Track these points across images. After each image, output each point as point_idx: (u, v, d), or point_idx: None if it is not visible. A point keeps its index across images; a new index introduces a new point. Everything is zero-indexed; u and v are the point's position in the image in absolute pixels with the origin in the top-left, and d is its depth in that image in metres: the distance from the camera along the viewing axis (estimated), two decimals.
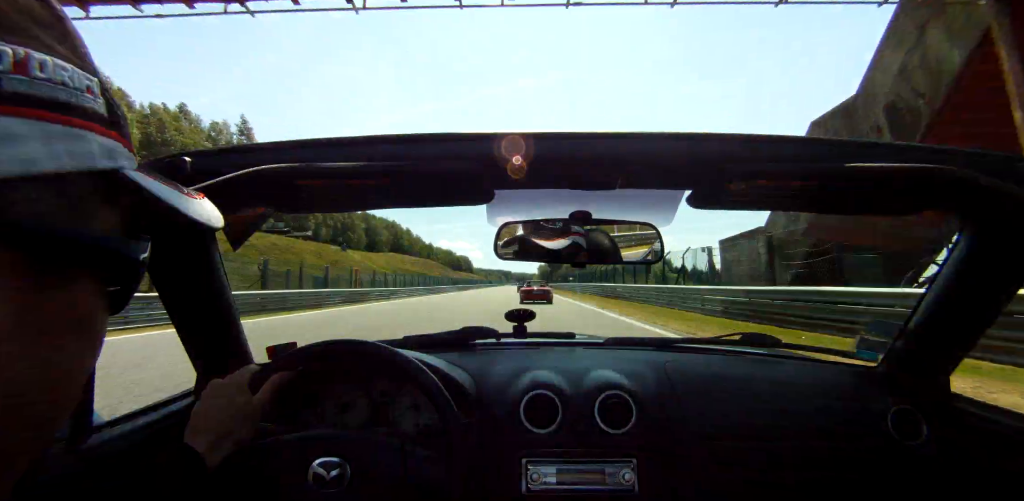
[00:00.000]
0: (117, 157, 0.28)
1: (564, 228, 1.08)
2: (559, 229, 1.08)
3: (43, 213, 0.24)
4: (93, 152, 0.26)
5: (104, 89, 0.28)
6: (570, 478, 0.94)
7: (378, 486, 0.71)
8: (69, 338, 0.26)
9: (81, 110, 0.26)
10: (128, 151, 0.29)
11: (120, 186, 0.28)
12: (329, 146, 0.74)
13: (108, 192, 0.28)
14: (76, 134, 0.25)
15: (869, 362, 1.20)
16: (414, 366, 0.81)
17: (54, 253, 0.24)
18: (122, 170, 0.28)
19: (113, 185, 0.28)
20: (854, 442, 0.98)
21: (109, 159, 0.27)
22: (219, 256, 0.97)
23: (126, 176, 0.28)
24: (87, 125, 0.26)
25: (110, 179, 0.28)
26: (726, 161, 0.73)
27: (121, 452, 0.82)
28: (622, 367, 1.11)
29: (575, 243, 1.07)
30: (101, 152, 0.26)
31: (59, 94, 0.25)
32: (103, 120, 0.27)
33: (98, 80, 0.28)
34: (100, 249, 0.27)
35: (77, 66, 0.26)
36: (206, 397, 0.77)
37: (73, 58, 0.27)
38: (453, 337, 1.38)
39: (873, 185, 0.73)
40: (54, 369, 0.26)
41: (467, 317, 11.07)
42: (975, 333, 0.95)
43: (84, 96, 0.26)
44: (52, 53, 0.25)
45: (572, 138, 0.74)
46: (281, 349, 1.06)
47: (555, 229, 1.08)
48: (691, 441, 0.98)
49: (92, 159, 0.26)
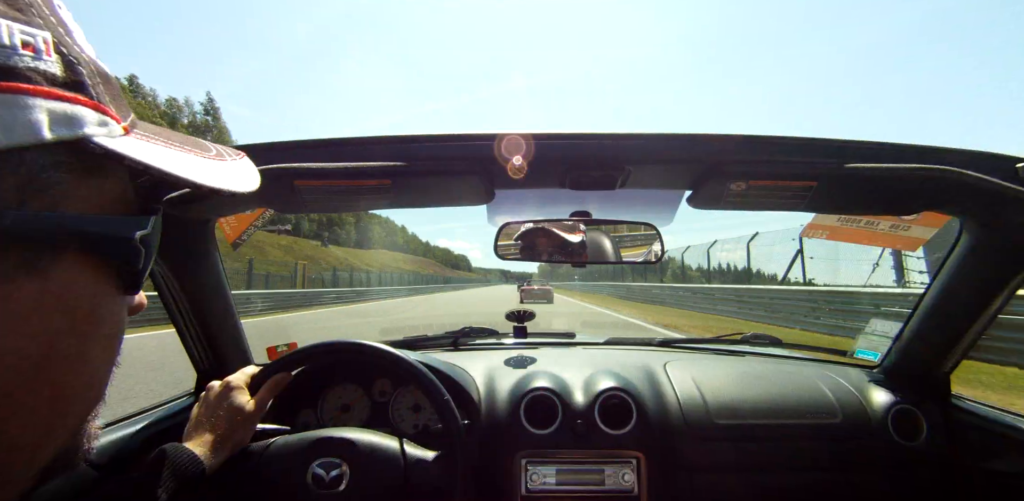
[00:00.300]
0: (80, 124, 0.24)
1: (564, 228, 1.08)
2: (559, 229, 1.08)
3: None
4: (38, 121, 0.22)
5: (59, 44, 0.24)
6: (570, 478, 0.94)
7: (378, 487, 0.71)
8: (65, 330, 0.24)
9: (17, 72, 0.22)
10: (101, 114, 0.25)
11: (95, 157, 0.25)
12: (329, 146, 0.74)
13: (80, 165, 0.24)
14: (10, 101, 0.21)
15: (869, 362, 1.20)
16: (414, 367, 0.81)
17: (14, 239, 0.22)
18: (91, 139, 0.24)
19: (85, 157, 0.24)
20: (854, 442, 0.98)
21: (66, 127, 0.23)
22: (219, 256, 0.97)
23: (98, 145, 0.24)
24: (26, 89, 0.22)
25: (78, 150, 0.24)
26: (726, 161, 0.73)
27: (122, 453, 0.82)
28: (622, 367, 1.11)
29: (575, 243, 1.07)
30: (54, 120, 0.23)
31: None
32: (57, 82, 0.23)
33: (50, 35, 0.24)
34: (76, 230, 0.24)
35: (13, 20, 0.22)
36: (206, 398, 0.76)
37: (8, 10, 0.22)
38: (453, 337, 1.38)
39: (873, 185, 0.73)
40: (50, 362, 0.24)
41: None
42: (975, 333, 0.95)
43: (21, 53, 0.22)
44: None
45: (572, 138, 0.74)
46: (282, 349, 1.06)
47: (555, 229, 1.08)
48: (691, 441, 0.98)
49: (38, 129, 0.22)
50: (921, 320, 1.02)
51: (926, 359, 1.04)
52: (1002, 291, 0.87)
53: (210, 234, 0.93)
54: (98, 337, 0.26)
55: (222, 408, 0.74)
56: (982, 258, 0.87)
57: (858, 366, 1.21)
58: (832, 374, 1.13)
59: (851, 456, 0.97)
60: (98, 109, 0.25)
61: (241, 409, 0.74)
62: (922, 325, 1.02)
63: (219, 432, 0.71)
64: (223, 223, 1.10)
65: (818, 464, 0.97)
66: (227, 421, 0.72)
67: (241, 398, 0.75)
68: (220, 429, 0.71)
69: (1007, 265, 0.84)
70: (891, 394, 1.04)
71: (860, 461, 0.97)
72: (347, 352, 0.85)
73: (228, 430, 0.71)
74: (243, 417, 0.73)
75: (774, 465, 0.97)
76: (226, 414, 0.73)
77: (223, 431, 0.71)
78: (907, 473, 0.97)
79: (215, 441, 0.69)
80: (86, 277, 0.25)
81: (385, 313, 15.88)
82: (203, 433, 0.70)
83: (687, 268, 21.08)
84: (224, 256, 0.98)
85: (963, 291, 0.92)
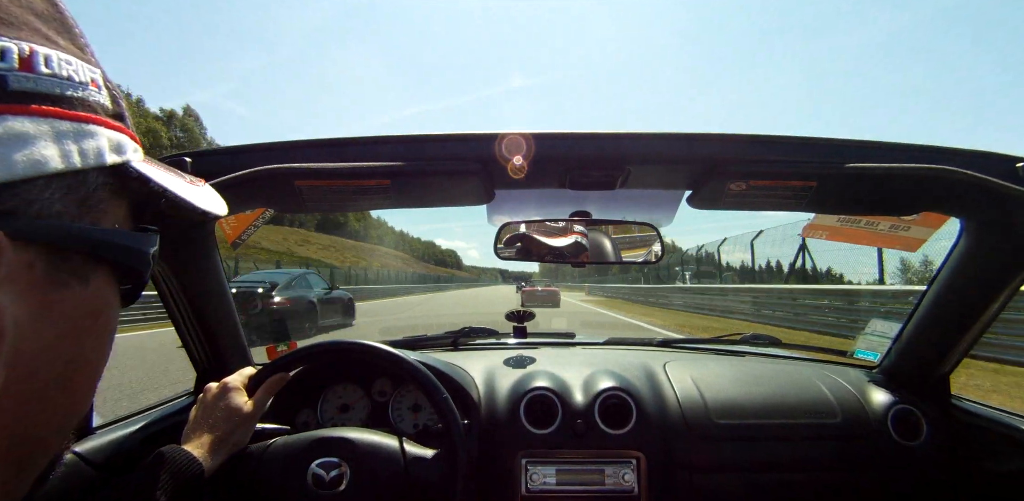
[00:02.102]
0: (125, 150, 0.27)
1: (564, 228, 1.08)
2: (559, 229, 1.08)
3: (57, 211, 0.23)
4: (103, 147, 0.25)
5: (107, 80, 0.28)
6: (570, 478, 0.94)
7: (378, 487, 0.71)
8: (88, 333, 0.26)
9: (88, 104, 0.25)
10: (134, 143, 0.29)
11: (129, 179, 0.28)
12: (329, 146, 0.74)
13: (117, 186, 0.27)
14: (86, 130, 0.25)
15: (869, 362, 1.20)
16: (414, 367, 0.81)
17: (70, 250, 0.24)
18: (130, 163, 0.28)
19: (122, 179, 0.27)
20: (854, 442, 0.98)
21: (118, 153, 0.27)
22: (218, 256, 0.97)
23: (135, 170, 0.28)
24: (95, 119, 0.25)
25: (119, 173, 0.27)
26: (726, 161, 0.73)
27: (120, 453, 0.82)
28: (622, 367, 1.11)
29: (575, 243, 1.07)
30: (110, 146, 0.26)
31: (66, 89, 0.24)
32: (109, 113, 0.27)
33: (100, 72, 0.27)
34: (113, 244, 0.27)
35: (80, 58, 0.26)
36: (203, 399, 0.76)
37: (75, 50, 0.26)
38: (453, 337, 1.38)
39: (873, 185, 0.73)
40: (74, 365, 0.26)
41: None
42: (975, 333, 0.95)
43: (90, 89, 0.26)
44: (55, 47, 0.24)
45: (572, 138, 0.74)
46: (281, 349, 1.06)
47: (555, 229, 1.08)
48: (691, 441, 0.98)
49: (102, 155, 0.25)
50: (921, 320, 1.02)
51: (926, 359, 1.04)
52: (1002, 291, 0.87)
53: (210, 234, 0.93)
54: (106, 341, 0.29)
55: (220, 409, 0.73)
56: (982, 258, 0.87)
57: (857, 366, 1.21)
58: (832, 374, 1.13)
59: (851, 456, 0.97)
60: (133, 138, 0.29)
61: (239, 410, 0.73)
62: (922, 325, 1.02)
63: (217, 433, 0.70)
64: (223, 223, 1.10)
65: (818, 464, 0.97)
66: (225, 422, 0.72)
67: (239, 399, 0.75)
68: (218, 430, 0.71)
69: (1007, 265, 0.84)
70: (891, 394, 1.04)
71: (860, 461, 0.97)
72: (347, 352, 0.85)
73: (226, 431, 0.71)
74: (241, 418, 0.73)
75: (774, 465, 0.97)
76: (224, 415, 0.73)
77: (221, 432, 0.71)
78: (907, 473, 0.97)
79: (213, 442, 0.69)
80: (110, 286, 0.28)
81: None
82: (201, 434, 0.70)
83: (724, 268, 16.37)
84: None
85: (963, 291, 0.92)
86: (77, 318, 0.25)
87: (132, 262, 0.28)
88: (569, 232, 1.06)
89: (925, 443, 0.97)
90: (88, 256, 0.25)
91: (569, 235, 1.06)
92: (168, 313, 0.98)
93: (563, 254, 1.08)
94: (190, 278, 0.92)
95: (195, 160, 0.72)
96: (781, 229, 12.40)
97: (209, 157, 0.75)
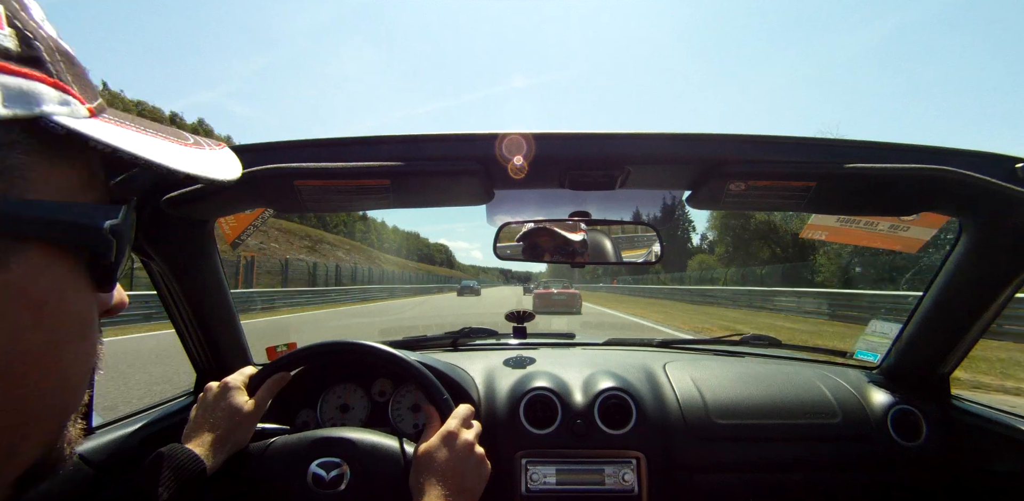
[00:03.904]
0: (37, 101, 0.22)
1: (564, 228, 1.08)
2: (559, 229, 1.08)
3: None
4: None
5: (13, 18, 0.23)
6: (570, 478, 0.94)
7: (378, 486, 0.71)
8: (32, 326, 0.23)
9: None
10: (64, 93, 0.24)
11: (57, 138, 0.23)
12: (329, 146, 0.74)
13: (40, 146, 0.23)
14: None
15: (869, 363, 1.20)
16: (414, 367, 0.81)
17: None
18: (51, 117, 0.22)
19: (45, 138, 0.23)
20: (854, 442, 0.98)
21: (21, 104, 0.21)
22: (218, 255, 0.97)
23: (61, 125, 0.23)
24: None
25: (35, 130, 0.22)
26: (726, 161, 0.73)
27: (120, 453, 0.82)
28: (622, 367, 1.11)
29: (575, 243, 1.07)
30: (8, 96, 0.21)
31: None
32: (10, 56, 0.22)
33: (2, 8, 0.22)
34: (33, 218, 0.22)
35: None
36: (203, 399, 0.76)
37: None
38: (453, 338, 1.38)
39: (872, 185, 0.73)
40: (21, 359, 0.22)
41: None
42: (975, 333, 0.95)
43: None
44: None
45: (572, 138, 0.74)
46: (281, 350, 1.06)
47: (555, 229, 1.08)
48: (691, 441, 0.98)
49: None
50: (921, 321, 1.02)
51: (926, 360, 1.04)
52: (1002, 292, 0.87)
53: (209, 234, 0.93)
54: (69, 334, 0.25)
55: (220, 409, 0.73)
56: (981, 258, 0.87)
57: (857, 367, 1.21)
58: (832, 375, 1.13)
59: (851, 456, 0.97)
60: (58, 87, 0.23)
61: (239, 410, 0.73)
62: (922, 326, 1.02)
63: (218, 432, 0.70)
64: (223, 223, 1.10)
65: (818, 464, 0.97)
66: (226, 421, 0.72)
67: (239, 398, 0.75)
68: (219, 430, 0.71)
69: (1007, 265, 0.84)
70: (891, 394, 1.04)
71: (860, 461, 0.97)
72: (346, 352, 0.85)
73: (227, 430, 0.71)
74: (242, 417, 0.73)
75: (774, 465, 0.97)
76: (225, 414, 0.72)
77: (222, 431, 0.71)
78: (907, 473, 0.97)
79: (214, 442, 0.69)
80: (53, 270, 0.23)
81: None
82: (202, 434, 0.70)
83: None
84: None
85: (963, 292, 0.92)
86: (4, 308, 0.21)
87: (73, 239, 0.24)
88: (568, 232, 1.06)
89: (925, 443, 0.97)
90: (1, 233, 0.21)
91: (569, 235, 1.06)
92: (168, 313, 0.98)
93: (562, 254, 1.08)
94: (190, 278, 0.92)
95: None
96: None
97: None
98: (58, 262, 0.24)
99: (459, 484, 0.65)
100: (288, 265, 26.19)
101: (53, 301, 0.23)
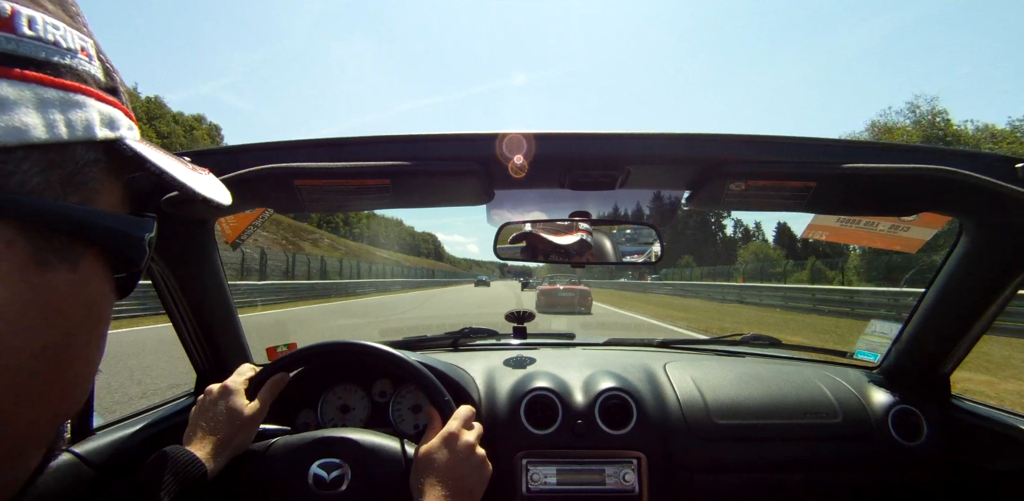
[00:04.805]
0: (118, 126, 0.25)
1: (564, 228, 1.08)
2: (564, 227, 1.08)
3: (38, 186, 0.21)
4: (92, 120, 0.23)
5: (100, 51, 0.26)
6: (571, 478, 0.94)
7: (379, 487, 0.71)
8: (80, 323, 0.25)
9: (77, 74, 0.23)
10: (129, 120, 0.27)
11: (123, 158, 0.26)
12: (328, 146, 0.74)
13: (110, 165, 0.25)
14: (74, 100, 0.23)
15: (869, 363, 1.20)
16: (414, 367, 0.81)
17: (54, 230, 0.22)
18: (123, 141, 0.26)
19: (115, 157, 0.25)
20: (854, 442, 0.98)
21: (110, 128, 0.25)
22: (218, 254, 0.97)
23: (129, 147, 0.26)
24: (85, 90, 0.23)
25: (111, 150, 0.25)
26: (725, 161, 0.73)
27: (121, 454, 0.82)
28: (622, 367, 1.11)
29: (581, 241, 1.07)
30: (101, 120, 0.24)
31: (52, 55, 0.22)
32: (102, 85, 0.25)
33: (93, 42, 0.25)
34: (101, 226, 0.24)
35: (70, 25, 0.24)
36: (203, 402, 0.76)
37: (64, 16, 0.24)
38: (453, 338, 1.38)
39: (872, 186, 0.73)
40: (62, 356, 0.24)
41: None
42: (975, 333, 0.95)
43: (79, 58, 0.24)
44: (42, 10, 0.22)
45: (572, 138, 0.74)
46: (281, 350, 1.06)
47: (560, 227, 1.08)
48: (692, 441, 0.98)
49: (92, 128, 0.23)
50: (921, 321, 1.02)
51: (926, 360, 1.04)
52: (1002, 292, 0.87)
53: (209, 234, 0.93)
54: (100, 334, 0.27)
55: (221, 413, 0.72)
56: (982, 259, 0.87)
57: (858, 367, 1.21)
58: (832, 374, 1.13)
59: (851, 456, 0.97)
60: (127, 114, 0.27)
61: (241, 413, 0.73)
62: (922, 326, 1.02)
63: (219, 435, 0.70)
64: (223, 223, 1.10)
65: (818, 464, 0.97)
66: (227, 424, 0.71)
67: (240, 401, 0.74)
68: (220, 433, 0.70)
69: (1007, 266, 0.84)
70: (891, 394, 1.04)
71: (860, 461, 0.97)
72: (347, 353, 0.85)
73: (229, 434, 0.70)
74: (243, 420, 0.72)
75: (775, 465, 0.97)
76: (226, 418, 0.72)
77: (224, 435, 0.70)
78: (907, 473, 0.97)
79: (216, 445, 0.69)
80: (102, 274, 0.26)
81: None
82: (203, 436, 0.69)
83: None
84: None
85: (963, 292, 0.92)
86: (66, 306, 0.23)
87: (124, 247, 0.26)
88: (574, 230, 1.06)
89: (925, 443, 0.97)
90: (74, 237, 0.23)
91: (574, 233, 1.06)
92: (167, 313, 0.98)
93: (567, 253, 1.08)
94: (190, 278, 0.92)
95: (193, 159, 0.72)
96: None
97: (207, 156, 0.75)
98: (105, 268, 0.26)
99: (460, 485, 0.65)
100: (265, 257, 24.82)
101: (99, 303, 0.26)
